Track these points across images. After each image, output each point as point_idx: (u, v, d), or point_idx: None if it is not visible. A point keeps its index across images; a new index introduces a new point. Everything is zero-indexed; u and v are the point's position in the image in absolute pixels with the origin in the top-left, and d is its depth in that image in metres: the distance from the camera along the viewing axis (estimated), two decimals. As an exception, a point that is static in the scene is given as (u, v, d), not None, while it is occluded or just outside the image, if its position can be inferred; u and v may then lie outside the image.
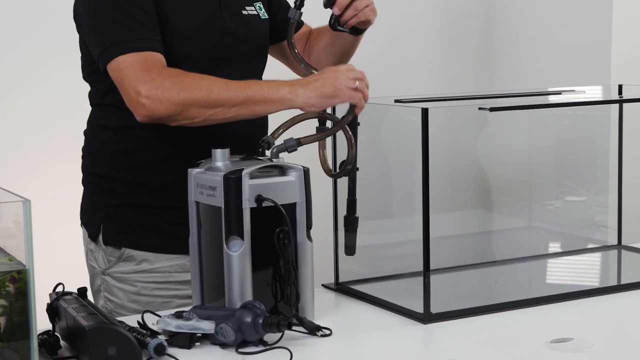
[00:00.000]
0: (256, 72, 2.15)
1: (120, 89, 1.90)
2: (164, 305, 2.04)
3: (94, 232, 2.09)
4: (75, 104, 3.12)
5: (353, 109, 1.93)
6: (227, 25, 2.05)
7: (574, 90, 2.38)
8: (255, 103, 1.86)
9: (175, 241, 1.97)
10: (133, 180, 2.05)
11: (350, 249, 2.05)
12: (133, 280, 2.06)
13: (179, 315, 1.73)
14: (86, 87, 2.79)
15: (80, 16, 2.01)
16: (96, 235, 2.09)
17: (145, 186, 2.05)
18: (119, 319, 1.81)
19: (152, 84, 1.84)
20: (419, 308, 1.88)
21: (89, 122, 2.15)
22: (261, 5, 2.16)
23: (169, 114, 1.85)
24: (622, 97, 2.52)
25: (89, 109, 2.23)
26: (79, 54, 2.20)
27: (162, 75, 1.86)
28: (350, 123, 1.95)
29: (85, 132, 2.17)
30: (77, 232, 2.61)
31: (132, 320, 1.77)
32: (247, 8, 2.12)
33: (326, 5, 2.05)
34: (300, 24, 2.32)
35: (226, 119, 1.87)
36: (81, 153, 2.17)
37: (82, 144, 2.19)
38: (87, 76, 2.11)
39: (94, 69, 2.01)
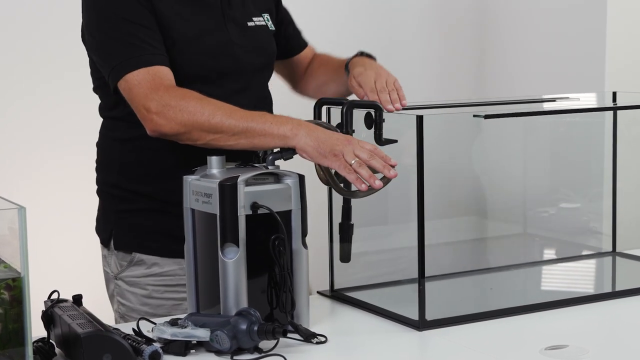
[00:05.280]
0: (261, 82, 2.16)
1: (132, 107, 1.96)
2: (174, 308, 2.07)
3: (106, 237, 2.14)
4: (69, 111, 3.14)
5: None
6: (231, 37, 2.07)
7: (568, 98, 2.39)
8: (255, 135, 1.86)
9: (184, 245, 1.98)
10: (142, 189, 2.09)
11: (346, 256, 2.05)
12: (144, 283, 2.09)
13: (174, 323, 1.73)
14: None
15: (87, 39, 2.05)
16: (108, 241, 2.13)
17: (154, 194, 2.08)
18: (130, 323, 1.81)
19: (160, 102, 1.90)
20: (414, 315, 1.88)
21: (100, 133, 2.19)
22: (269, 17, 2.17)
23: (173, 132, 1.90)
24: (616, 104, 2.52)
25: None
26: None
27: (169, 94, 1.91)
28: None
29: (97, 144, 2.20)
30: (72, 240, 2.61)
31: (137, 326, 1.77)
32: (254, 19, 2.13)
33: (369, 127, 1.96)
34: (303, 45, 2.32)
35: (227, 146, 1.89)
36: (95, 165, 2.20)
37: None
38: (96, 89, 2.14)
39: (100, 84, 2.08)
